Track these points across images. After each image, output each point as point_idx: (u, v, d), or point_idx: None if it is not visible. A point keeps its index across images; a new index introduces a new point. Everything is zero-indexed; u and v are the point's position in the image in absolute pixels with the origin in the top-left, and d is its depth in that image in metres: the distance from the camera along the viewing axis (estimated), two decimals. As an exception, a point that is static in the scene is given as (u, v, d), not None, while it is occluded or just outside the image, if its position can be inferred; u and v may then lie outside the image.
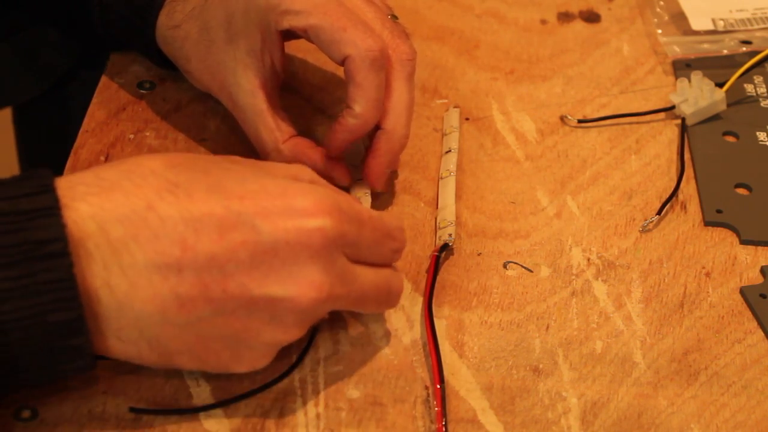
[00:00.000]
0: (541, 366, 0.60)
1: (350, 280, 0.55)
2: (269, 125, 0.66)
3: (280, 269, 0.52)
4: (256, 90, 0.65)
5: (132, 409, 0.55)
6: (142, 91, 0.73)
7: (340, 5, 0.64)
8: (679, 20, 0.81)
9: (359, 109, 0.63)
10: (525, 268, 0.65)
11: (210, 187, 0.53)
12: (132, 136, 0.70)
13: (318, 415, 0.56)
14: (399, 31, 0.66)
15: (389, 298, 0.59)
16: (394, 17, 0.69)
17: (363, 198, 0.67)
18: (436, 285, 0.62)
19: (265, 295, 0.52)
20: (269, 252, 0.52)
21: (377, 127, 0.65)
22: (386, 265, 0.58)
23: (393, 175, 0.69)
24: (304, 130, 0.68)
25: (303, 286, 0.53)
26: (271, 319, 0.53)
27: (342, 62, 0.63)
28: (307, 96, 0.74)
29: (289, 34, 0.65)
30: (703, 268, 0.65)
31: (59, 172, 0.67)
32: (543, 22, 0.82)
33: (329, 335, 0.60)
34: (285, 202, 0.53)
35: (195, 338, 0.53)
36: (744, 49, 0.79)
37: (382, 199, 0.67)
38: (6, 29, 0.89)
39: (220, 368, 0.55)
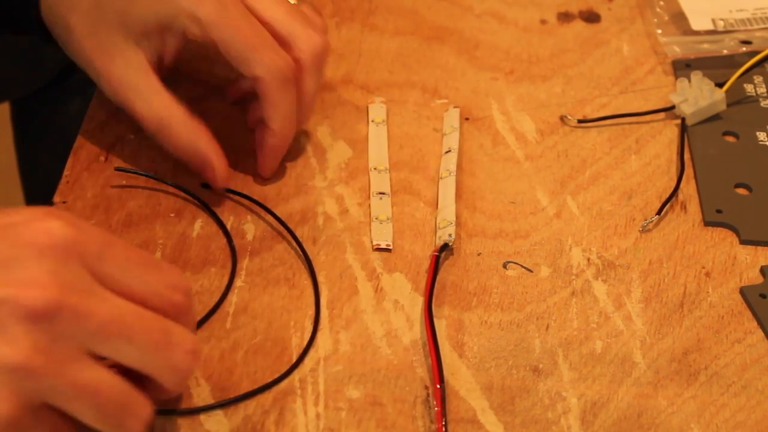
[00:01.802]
0: (541, 366, 0.60)
1: (93, 296, 0.47)
2: (165, 101, 0.65)
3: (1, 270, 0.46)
4: (149, 70, 0.65)
5: None
6: (142, 91, 0.73)
7: (249, 19, 0.64)
8: (679, 20, 0.81)
9: (277, 126, 0.65)
10: (525, 268, 0.65)
11: None
12: (132, 136, 0.70)
13: (318, 415, 0.56)
14: (305, 20, 0.66)
15: (167, 345, 0.49)
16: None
17: (383, 198, 0.67)
18: (436, 285, 0.62)
19: None
20: None
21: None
22: (169, 310, 0.49)
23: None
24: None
25: (25, 284, 0.45)
26: None
27: (253, 80, 0.64)
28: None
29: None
30: (703, 268, 0.65)
31: (59, 171, 0.67)
32: (543, 22, 0.82)
33: (329, 335, 0.60)
34: (9, 217, 0.48)
35: None
36: (744, 49, 0.79)
37: (383, 199, 0.67)
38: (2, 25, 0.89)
39: None
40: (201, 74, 0.73)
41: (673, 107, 0.74)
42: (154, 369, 0.49)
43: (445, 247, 0.64)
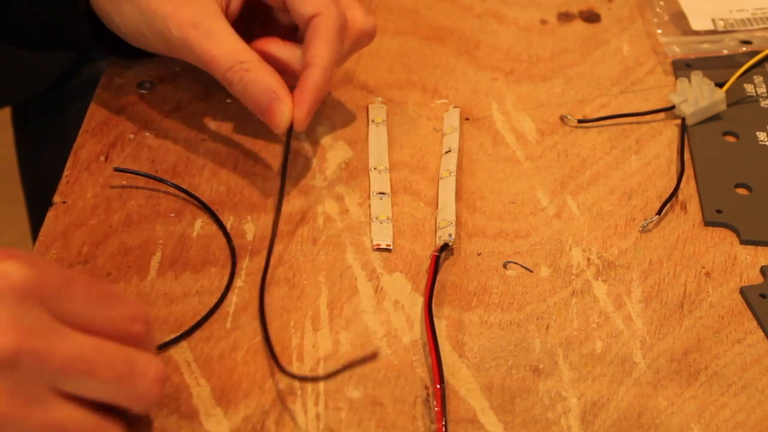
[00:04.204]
0: (541, 366, 0.60)
1: (54, 336, 0.48)
2: (237, 42, 0.65)
3: None
4: (221, 14, 0.66)
5: None
6: (142, 91, 0.73)
7: None
8: (679, 20, 0.81)
9: (325, 63, 0.65)
10: (525, 268, 0.65)
11: None
12: (132, 136, 0.70)
13: (318, 415, 0.56)
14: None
15: (132, 376, 0.50)
16: None
17: (383, 198, 0.67)
18: (436, 285, 0.62)
19: None
20: None
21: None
22: (129, 340, 0.51)
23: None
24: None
25: None
26: None
27: (308, 19, 0.65)
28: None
29: None
30: (703, 268, 0.65)
31: (59, 172, 0.67)
32: (543, 22, 0.82)
33: (329, 335, 0.60)
34: None
35: None
36: (744, 49, 0.79)
37: (383, 199, 0.67)
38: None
39: None
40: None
41: (673, 107, 0.74)
42: (121, 400, 0.50)
43: (445, 247, 0.64)
